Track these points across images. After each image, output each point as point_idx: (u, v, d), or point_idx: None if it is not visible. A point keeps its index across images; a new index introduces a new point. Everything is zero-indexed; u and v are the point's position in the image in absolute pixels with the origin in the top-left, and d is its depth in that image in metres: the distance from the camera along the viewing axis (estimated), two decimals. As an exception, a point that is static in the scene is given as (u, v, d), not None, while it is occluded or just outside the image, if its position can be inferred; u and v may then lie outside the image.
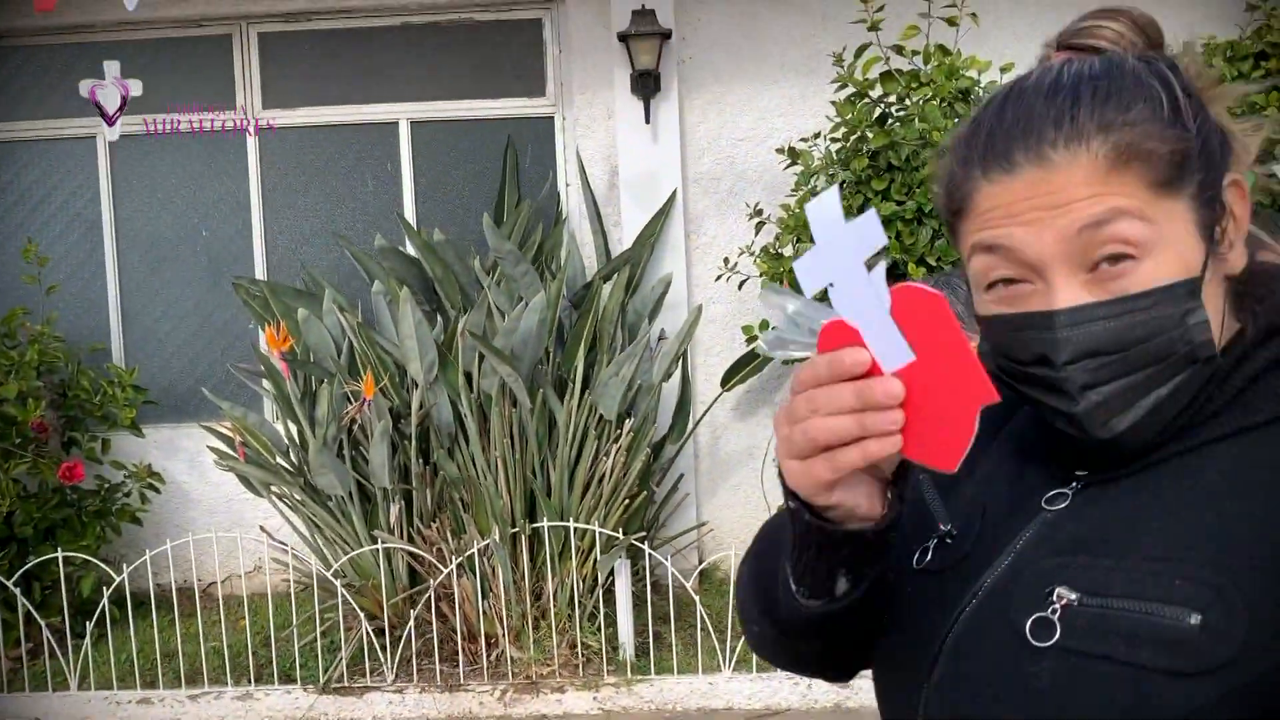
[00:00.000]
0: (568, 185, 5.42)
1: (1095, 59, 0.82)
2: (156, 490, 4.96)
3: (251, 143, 5.44)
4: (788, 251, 4.19)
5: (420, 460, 4.49)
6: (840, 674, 0.98)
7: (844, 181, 4.02)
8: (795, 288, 3.26)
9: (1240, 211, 0.83)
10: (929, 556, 0.91)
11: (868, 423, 0.70)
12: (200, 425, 4.93)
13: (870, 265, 0.70)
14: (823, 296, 0.74)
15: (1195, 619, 0.71)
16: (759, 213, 4.50)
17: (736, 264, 4.62)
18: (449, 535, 4.34)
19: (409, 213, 5.41)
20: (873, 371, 0.71)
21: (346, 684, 4.12)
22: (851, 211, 3.91)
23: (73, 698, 4.09)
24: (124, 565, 4.19)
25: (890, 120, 4.14)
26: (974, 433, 0.71)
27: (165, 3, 5.26)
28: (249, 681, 4.15)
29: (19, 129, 5.46)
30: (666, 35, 4.98)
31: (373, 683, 4.11)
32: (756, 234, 4.53)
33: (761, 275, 4.33)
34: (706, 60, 5.23)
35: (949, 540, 0.90)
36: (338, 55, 5.45)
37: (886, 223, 3.88)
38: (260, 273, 5.41)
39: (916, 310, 0.70)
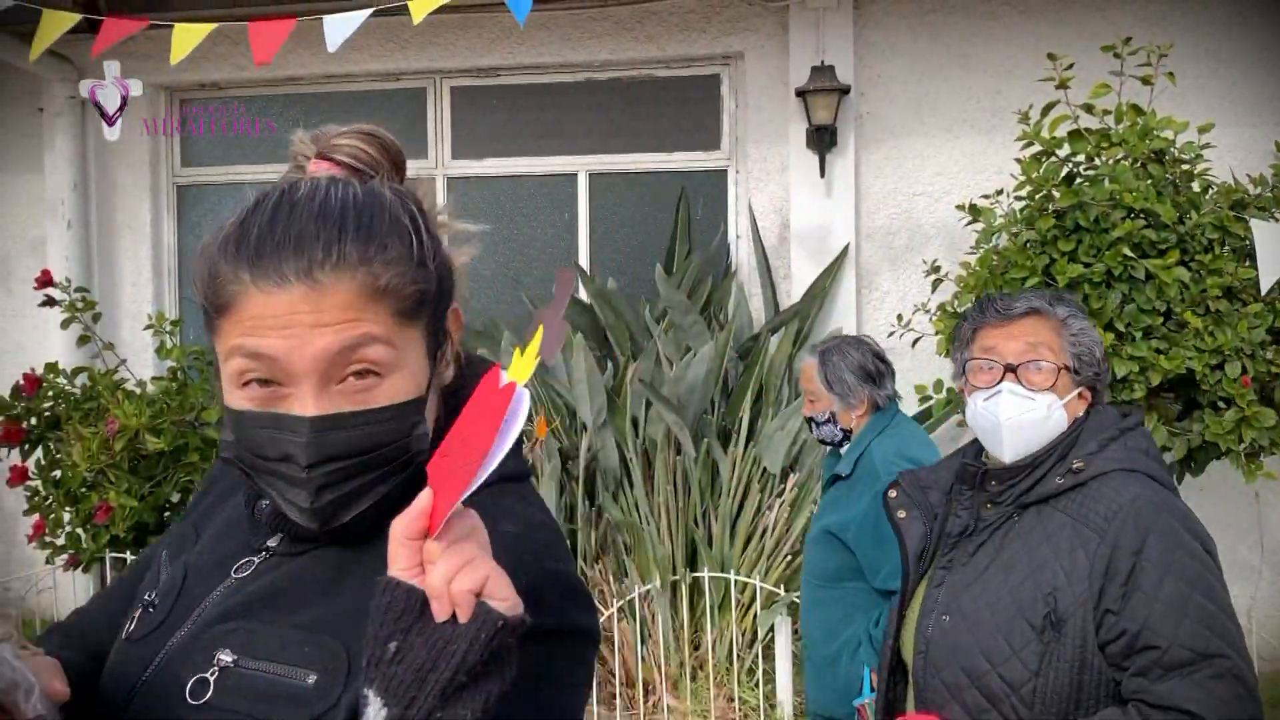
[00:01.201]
0: (738, 238, 5.48)
1: (359, 188, 0.90)
2: (336, 516, 5.21)
3: (441, 191, 5.73)
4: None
5: (586, 502, 4.57)
6: None
7: (1028, 241, 3.93)
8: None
9: (455, 334, 0.97)
10: (133, 625, 0.96)
11: None
12: (380, 457, 5.16)
13: None
14: None
15: (311, 679, 0.82)
16: (936, 269, 4.44)
17: (910, 321, 4.55)
18: (611, 578, 4.40)
19: (583, 260, 5.57)
20: None
21: (506, 718, 4.20)
22: (1037, 273, 3.82)
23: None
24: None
25: (1078, 180, 4.03)
26: None
27: (367, 58, 5.62)
28: (414, 708, 4.28)
29: (230, 173, 5.91)
30: (845, 91, 5.00)
31: (531, 719, 4.17)
32: (933, 291, 4.45)
33: (938, 334, 4.25)
34: (885, 115, 5.22)
35: (151, 608, 0.96)
36: (523, 109, 5.69)
37: (1073, 285, 3.76)
38: (441, 313, 5.65)
39: None
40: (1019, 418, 1.71)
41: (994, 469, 1.77)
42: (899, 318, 4.70)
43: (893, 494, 1.89)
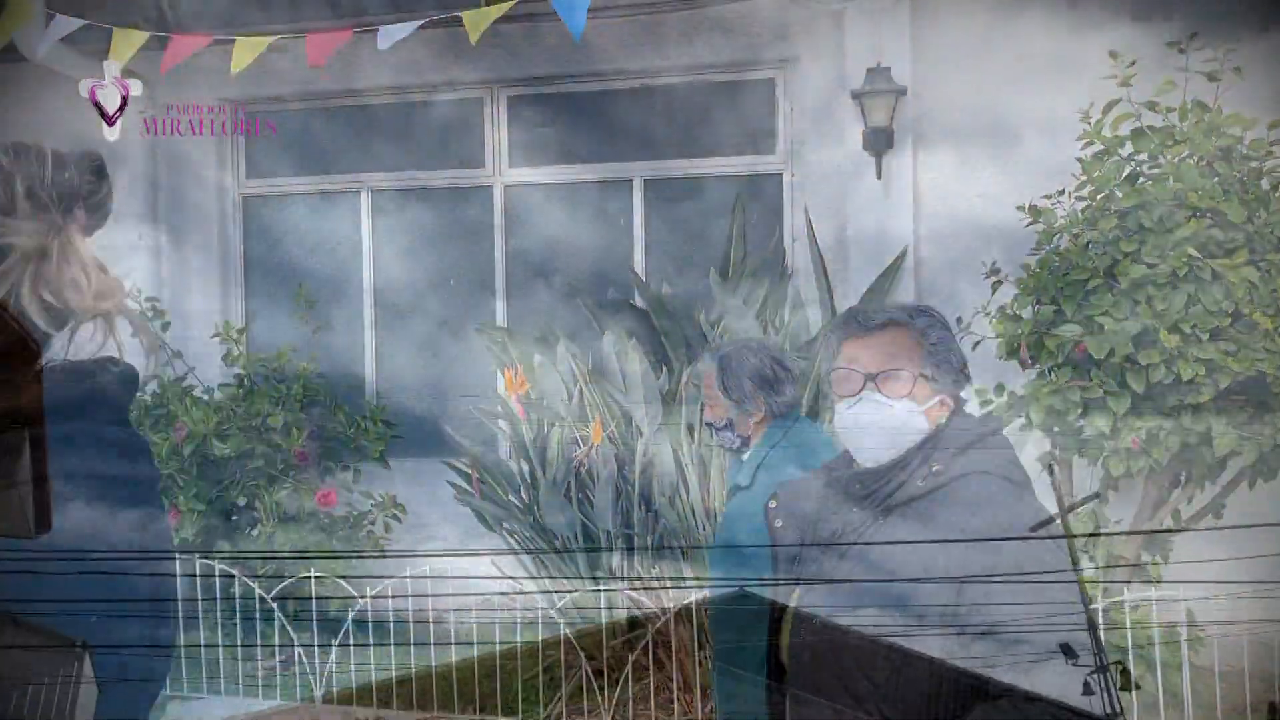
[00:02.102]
0: (794, 241, 5.46)
1: None
2: (399, 520, 5.29)
3: (498, 199, 5.80)
4: (1026, 314, 4.05)
5: (642, 506, 4.58)
6: None
7: (1090, 242, 3.86)
8: (1032, 350, 3.11)
9: None
10: None
11: None
12: (441, 461, 5.23)
13: None
14: None
15: None
16: (996, 271, 4.38)
17: (970, 324, 4.49)
18: (668, 583, 4.41)
19: (639, 266, 5.59)
20: None
21: (564, 721, 4.23)
22: (1099, 274, 3.75)
23: (316, 708, 4.39)
24: (367, 589, 4.48)
25: (1142, 179, 3.96)
26: None
27: (424, 69, 5.71)
28: (474, 710, 4.33)
29: (294, 184, 6.04)
30: (902, 92, 4.96)
31: (589, 723, 4.20)
32: (993, 294, 4.40)
33: (998, 337, 4.20)
34: (943, 116, 5.16)
35: None
36: (579, 116, 5.73)
37: (1137, 286, 3.69)
38: (501, 319, 5.72)
39: None
40: (879, 424, 1.81)
41: (859, 474, 1.86)
42: (959, 320, 4.65)
43: (772, 504, 1.99)
